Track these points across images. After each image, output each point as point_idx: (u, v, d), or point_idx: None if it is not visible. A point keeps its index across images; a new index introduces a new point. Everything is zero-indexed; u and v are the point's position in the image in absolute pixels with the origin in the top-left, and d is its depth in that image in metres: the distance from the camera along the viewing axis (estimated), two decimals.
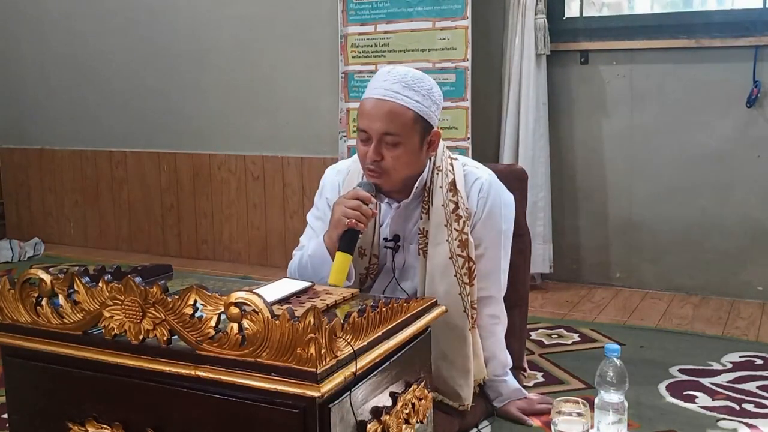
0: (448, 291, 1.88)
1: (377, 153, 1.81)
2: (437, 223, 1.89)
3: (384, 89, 1.81)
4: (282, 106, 3.95)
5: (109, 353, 1.28)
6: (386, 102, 1.79)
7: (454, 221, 1.89)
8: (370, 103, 1.82)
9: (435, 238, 1.90)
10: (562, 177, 3.51)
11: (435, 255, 1.90)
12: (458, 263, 1.88)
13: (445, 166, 1.93)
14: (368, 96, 1.83)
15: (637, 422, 2.04)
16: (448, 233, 1.89)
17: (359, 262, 1.96)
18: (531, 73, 3.30)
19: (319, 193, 2.09)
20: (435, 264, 1.90)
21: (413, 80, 1.82)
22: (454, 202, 1.89)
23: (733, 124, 3.22)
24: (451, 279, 1.88)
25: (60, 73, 4.56)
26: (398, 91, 1.80)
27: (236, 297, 1.16)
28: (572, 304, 3.25)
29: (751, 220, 3.24)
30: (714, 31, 3.20)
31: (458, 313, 1.88)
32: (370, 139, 1.82)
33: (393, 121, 1.79)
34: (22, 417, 1.42)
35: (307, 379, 1.13)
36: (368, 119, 1.81)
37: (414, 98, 1.80)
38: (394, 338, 1.35)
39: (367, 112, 1.82)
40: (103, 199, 4.53)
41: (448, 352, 1.90)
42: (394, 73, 1.83)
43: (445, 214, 1.89)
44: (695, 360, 2.52)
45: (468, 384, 1.93)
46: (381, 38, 3.44)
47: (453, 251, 1.88)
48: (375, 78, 1.86)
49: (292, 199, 3.96)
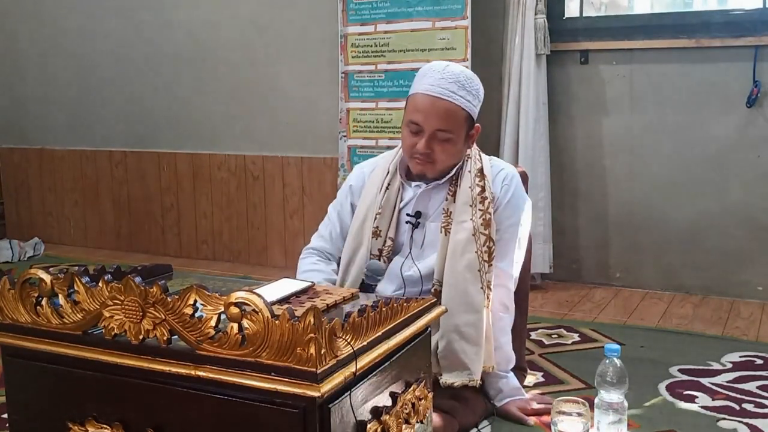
0: (469, 266, 1.94)
1: (429, 146, 1.92)
2: (463, 203, 1.98)
3: (441, 87, 1.90)
4: (282, 106, 3.95)
5: (109, 353, 1.28)
6: (443, 101, 1.90)
7: (479, 202, 1.98)
8: (427, 100, 1.91)
9: (459, 216, 1.97)
10: (562, 177, 3.51)
11: (458, 231, 1.97)
12: (480, 240, 1.95)
13: (474, 154, 2.04)
14: (424, 92, 1.92)
15: (637, 422, 2.04)
16: (473, 212, 1.97)
17: (374, 243, 2.04)
18: (531, 73, 3.30)
19: (345, 183, 2.20)
20: (457, 240, 1.96)
21: (466, 80, 1.93)
22: (481, 186, 1.99)
23: (733, 124, 3.22)
24: (472, 255, 1.95)
25: (60, 73, 4.56)
26: (454, 90, 1.90)
27: (236, 297, 1.16)
28: (572, 304, 3.25)
29: (751, 220, 3.24)
30: (714, 31, 3.20)
31: (476, 288, 1.94)
32: (422, 132, 1.92)
33: (448, 119, 1.91)
34: (22, 417, 1.42)
35: (307, 379, 1.13)
36: (424, 114, 1.91)
37: (467, 98, 1.92)
38: (394, 338, 1.35)
39: (423, 108, 1.91)
40: (103, 199, 4.53)
41: (461, 326, 1.93)
42: (450, 72, 1.92)
43: (471, 195, 1.98)
44: (695, 360, 2.52)
45: (479, 358, 1.95)
46: (381, 38, 3.44)
47: (476, 228, 1.96)
48: (428, 74, 1.94)
49: (292, 199, 3.96)
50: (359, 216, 2.08)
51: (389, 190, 2.06)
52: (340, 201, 2.17)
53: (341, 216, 2.16)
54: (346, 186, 2.19)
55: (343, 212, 2.15)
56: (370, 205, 2.07)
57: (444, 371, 1.96)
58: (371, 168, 2.15)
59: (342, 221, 2.15)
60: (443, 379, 1.95)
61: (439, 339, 1.96)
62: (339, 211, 2.16)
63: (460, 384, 1.94)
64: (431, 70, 1.95)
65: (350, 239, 2.08)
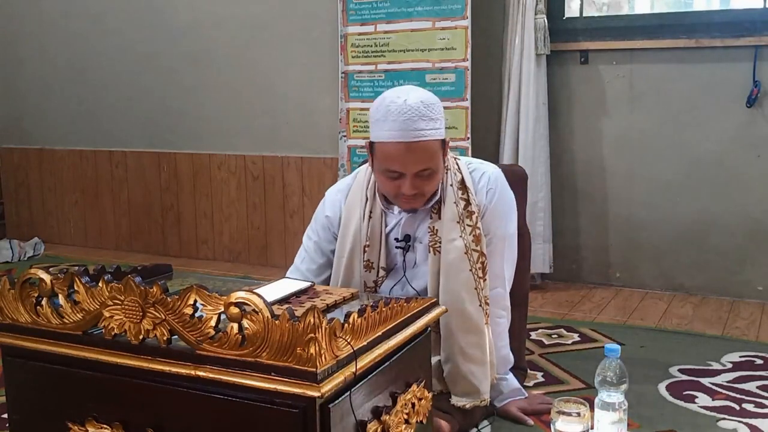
0: (465, 285, 1.91)
1: (414, 187, 1.83)
2: (450, 220, 1.92)
3: (408, 130, 1.77)
4: (282, 106, 3.95)
5: (109, 353, 1.28)
6: (417, 143, 1.78)
7: (466, 218, 1.92)
8: (399, 147, 1.78)
9: (448, 235, 1.92)
10: (562, 177, 3.51)
11: (449, 251, 1.92)
12: (473, 258, 1.91)
13: (452, 166, 1.96)
14: (393, 139, 1.78)
15: (637, 422, 2.04)
16: (461, 229, 1.92)
17: (366, 276, 1.99)
18: (531, 73, 3.30)
19: (319, 212, 2.09)
20: (450, 259, 1.92)
21: (427, 108, 1.79)
22: (465, 199, 1.93)
23: (733, 124, 3.22)
24: (467, 274, 1.91)
25: (60, 73, 4.56)
26: (423, 127, 1.78)
27: (236, 297, 1.16)
28: (572, 304, 3.25)
29: (751, 220, 3.24)
30: (714, 31, 3.20)
31: (474, 307, 1.91)
32: (403, 176, 1.82)
33: (427, 158, 1.81)
34: (22, 417, 1.42)
35: (307, 379, 1.13)
36: (401, 162, 1.80)
37: (435, 127, 1.81)
38: (394, 338, 1.35)
39: (398, 156, 1.79)
40: (103, 199, 4.53)
41: (466, 348, 1.92)
42: (410, 108, 1.78)
43: (457, 211, 1.92)
44: (695, 360, 2.52)
45: (486, 377, 1.95)
46: (381, 38, 3.44)
47: (468, 246, 1.91)
48: (388, 116, 1.79)
49: (292, 199, 3.96)
50: (345, 249, 1.99)
51: (372, 219, 1.97)
52: (317, 231, 2.06)
53: (320, 247, 2.05)
54: (321, 216, 2.07)
55: (322, 243, 2.05)
56: (355, 237, 1.97)
57: (454, 394, 1.95)
58: (344, 195, 2.04)
59: (321, 253, 2.05)
60: (453, 401, 1.94)
61: (444, 362, 1.95)
62: (317, 242, 2.05)
63: (471, 406, 1.94)
64: (389, 112, 1.79)
65: (340, 274, 2.00)
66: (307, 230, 2.11)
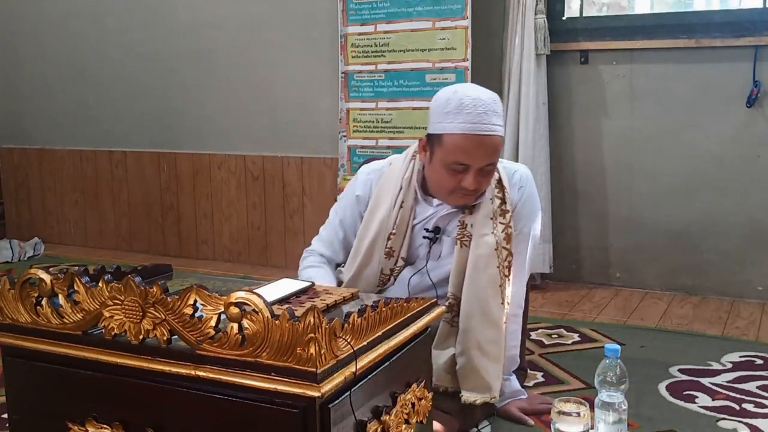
0: (490, 282, 1.93)
1: (476, 182, 1.86)
2: (484, 215, 1.95)
3: (482, 123, 1.81)
4: (282, 106, 3.95)
5: (109, 353, 1.28)
6: (490, 137, 1.83)
7: (499, 215, 1.96)
8: (474, 140, 1.81)
9: (480, 230, 1.94)
10: (562, 177, 3.51)
11: (480, 245, 1.94)
12: (502, 255, 1.94)
13: None
14: (467, 132, 1.81)
15: (637, 422, 2.04)
16: (494, 226, 1.94)
17: (385, 263, 2.01)
18: (531, 73, 3.30)
19: (349, 190, 2.11)
20: (479, 254, 1.94)
21: (496, 104, 1.86)
22: (500, 197, 1.97)
23: (733, 124, 3.22)
24: (494, 270, 1.94)
25: (60, 73, 4.56)
26: (494, 122, 1.83)
27: (236, 297, 1.16)
28: (572, 304, 3.25)
29: (751, 220, 3.24)
30: (714, 31, 3.20)
31: (496, 303, 1.94)
32: (467, 170, 1.85)
33: (495, 153, 1.87)
34: (22, 417, 1.42)
35: (307, 379, 1.13)
36: (473, 155, 1.83)
37: (501, 123, 1.87)
38: (394, 338, 1.35)
39: (471, 149, 1.82)
40: (103, 199, 4.53)
41: (483, 343, 1.93)
42: (483, 102, 1.83)
43: (492, 208, 1.95)
44: (695, 360, 2.52)
45: (499, 375, 1.96)
46: (381, 38, 3.44)
47: (499, 243, 1.94)
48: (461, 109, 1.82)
49: (292, 199, 3.96)
50: (370, 233, 2.00)
51: (403, 208, 1.99)
52: (344, 209, 2.09)
53: (344, 224, 2.08)
54: (351, 194, 2.09)
55: (347, 221, 2.08)
56: (382, 224, 1.99)
57: (464, 389, 1.95)
58: (378, 176, 2.06)
59: (345, 230, 2.08)
60: (464, 398, 1.94)
61: (459, 355, 1.95)
62: (342, 219, 2.09)
63: (481, 402, 1.95)
64: (463, 105, 1.82)
65: (359, 256, 2.01)
66: (335, 205, 2.14)
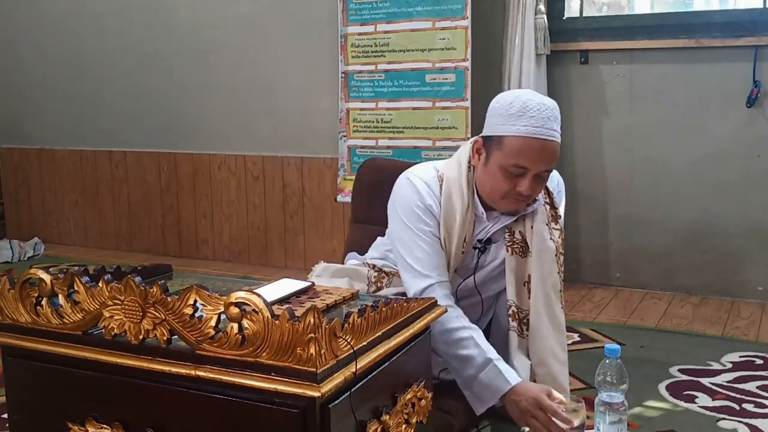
0: (554, 287, 1.97)
1: (532, 188, 1.84)
2: (541, 222, 1.97)
3: (545, 128, 1.79)
4: (282, 106, 3.95)
5: (109, 353, 1.28)
6: (551, 142, 1.80)
7: (552, 221, 1.99)
8: (536, 143, 1.78)
9: (540, 237, 1.95)
10: (562, 177, 3.48)
11: (543, 253, 1.96)
12: (560, 261, 1.99)
13: None
14: (530, 135, 1.78)
15: (637, 422, 2.04)
16: (550, 232, 1.97)
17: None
18: (531, 73, 3.30)
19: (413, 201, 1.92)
20: (544, 262, 1.96)
21: (557, 111, 1.84)
22: (549, 203, 2.00)
23: (733, 124, 3.22)
24: (556, 276, 1.98)
25: (60, 73, 4.56)
26: (555, 128, 1.81)
27: (236, 297, 1.16)
28: (572, 304, 3.25)
29: (751, 220, 3.24)
30: (714, 31, 3.20)
31: (559, 308, 1.98)
32: (525, 173, 1.82)
33: (552, 160, 1.84)
34: (22, 417, 1.42)
35: (307, 379, 1.13)
36: (533, 159, 1.79)
37: (560, 131, 1.84)
38: (394, 338, 1.35)
39: (533, 152, 1.79)
40: (103, 199, 4.53)
41: (556, 349, 1.95)
42: (546, 109, 1.80)
43: (546, 214, 1.97)
44: (695, 360, 2.52)
45: (567, 376, 1.98)
46: (381, 38, 3.44)
47: (558, 248, 1.98)
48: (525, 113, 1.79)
49: (292, 199, 3.96)
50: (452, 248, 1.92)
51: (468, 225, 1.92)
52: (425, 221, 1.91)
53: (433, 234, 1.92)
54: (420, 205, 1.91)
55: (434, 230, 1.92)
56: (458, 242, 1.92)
57: None
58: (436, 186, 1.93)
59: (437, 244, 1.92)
60: None
61: (536, 365, 1.94)
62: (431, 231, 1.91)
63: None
64: (528, 108, 1.79)
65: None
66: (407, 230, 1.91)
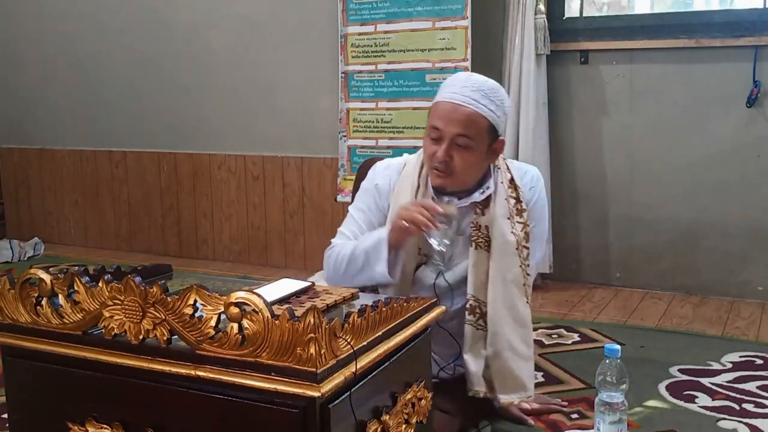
0: (515, 281, 1.95)
1: (447, 154, 1.88)
2: (501, 216, 1.96)
3: (463, 95, 1.88)
4: (282, 106, 3.95)
5: (109, 353, 1.28)
6: (465, 107, 1.87)
7: (516, 214, 1.98)
8: (448, 106, 1.89)
9: (500, 230, 1.96)
10: (562, 177, 3.51)
11: (502, 246, 1.95)
12: (523, 254, 1.97)
13: (502, 165, 2.03)
14: (446, 99, 1.90)
15: (637, 422, 2.04)
16: (512, 225, 1.96)
17: (416, 259, 2.01)
18: (531, 73, 3.30)
19: (367, 184, 2.08)
20: (503, 254, 1.95)
21: (490, 90, 1.91)
22: (515, 197, 1.99)
23: (733, 124, 3.22)
24: (517, 269, 1.96)
25: (60, 73, 4.56)
26: (477, 99, 1.88)
27: (236, 297, 1.16)
28: (572, 304, 3.25)
29: (751, 220, 3.24)
30: (714, 31, 3.20)
31: (522, 303, 1.96)
32: (442, 139, 1.89)
33: (469, 125, 1.87)
34: (22, 417, 1.42)
35: (307, 379, 1.13)
36: (445, 120, 1.88)
37: (489, 107, 1.89)
38: (394, 338, 1.35)
39: (444, 113, 1.89)
40: (103, 199, 4.53)
41: (515, 342, 1.95)
42: (473, 81, 1.91)
43: (508, 207, 1.97)
44: (695, 360, 2.52)
45: (531, 374, 1.99)
46: (381, 38, 3.44)
47: (519, 242, 1.96)
48: (452, 82, 1.93)
49: (292, 199, 3.96)
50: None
51: None
52: (367, 203, 2.05)
53: (369, 218, 2.03)
54: (371, 186, 2.06)
55: (371, 215, 2.04)
56: None
57: (500, 391, 1.95)
58: (396, 172, 2.05)
59: (371, 220, 2.03)
60: (501, 399, 1.95)
61: (491, 358, 1.95)
62: (367, 210, 2.04)
63: (518, 402, 1.97)
64: (455, 79, 1.95)
65: None
66: (352, 206, 2.09)
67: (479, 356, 1.96)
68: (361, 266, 1.91)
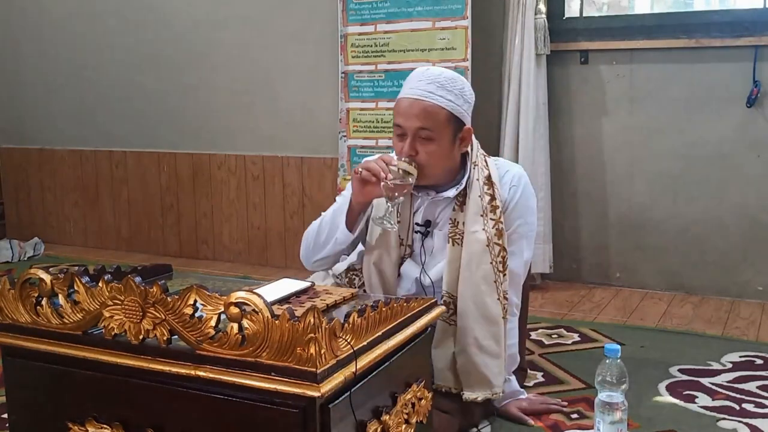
0: (485, 277, 1.94)
1: (412, 148, 1.92)
2: (474, 213, 1.97)
3: (419, 89, 1.91)
4: (282, 106, 3.95)
5: (109, 353, 1.28)
6: (422, 101, 1.90)
7: (489, 212, 1.98)
8: (406, 102, 1.93)
9: (471, 227, 1.97)
10: (562, 177, 3.51)
11: (472, 242, 1.96)
12: (494, 251, 1.95)
13: (481, 162, 2.03)
14: (405, 95, 1.94)
15: (637, 422, 2.04)
16: (484, 222, 1.96)
17: (398, 251, 2.03)
18: (531, 73, 3.30)
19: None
20: (472, 251, 1.96)
21: (446, 80, 1.93)
22: (490, 194, 1.99)
23: (733, 124, 3.22)
24: (488, 266, 1.95)
25: (60, 73, 4.55)
26: (432, 91, 1.90)
27: (236, 297, 1.16)
28: (572, 304, 3.25)
29: (751, 220, 3.24)
30: (714, 31, 3.20)
31: (493, 300, 1.95)
32: (406, 134, 1.92)
33: (427, 118, 1.90)
34: (22, 417, 1.42)
35: (307, 379, 1.13)
36: (404, 117, 1.92)
37: (447, 97, 1.91)
38: (394, 338, 1.35)
39: (403, 110, 1.93)
40: (103, 199, 4.53)
41: (481, 339, 1.94)
42: (429, 74, 1.94)
43: (481, 205, 1.97)
44: (695, 360, 2.52)
45: (501, 371, 1.97)
46: (381, 38, 3.44)
47: (490, 239, 1.96)
48: (410, 78, 1.96)
49: (292, 199, 3.96)
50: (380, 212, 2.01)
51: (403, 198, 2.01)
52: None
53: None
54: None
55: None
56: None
57: (465, 387, 1.95)
58: None
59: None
60: (465, 396, 1.94)
61: (458, 353, 1.95)
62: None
63: (483, 399, 1.95)
64: (413, 74, 1.97)
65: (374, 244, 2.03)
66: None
67: (447, 351, 1.97)
68: (327, 231, 2.01)
